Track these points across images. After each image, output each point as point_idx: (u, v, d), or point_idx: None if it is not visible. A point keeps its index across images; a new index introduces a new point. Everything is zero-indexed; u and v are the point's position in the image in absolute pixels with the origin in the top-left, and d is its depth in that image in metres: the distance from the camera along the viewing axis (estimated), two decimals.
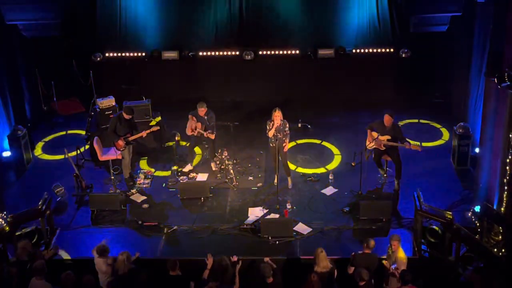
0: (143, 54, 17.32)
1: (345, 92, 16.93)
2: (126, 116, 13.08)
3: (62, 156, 14.19)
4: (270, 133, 12.57)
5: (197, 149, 14.39)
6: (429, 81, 16.90)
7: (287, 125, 12.67)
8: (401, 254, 10.17)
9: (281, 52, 17.17)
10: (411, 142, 12.81)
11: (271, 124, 12.55)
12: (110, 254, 10.36)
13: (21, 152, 14.19)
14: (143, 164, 14.30)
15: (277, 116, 12.45)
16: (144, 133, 13.29)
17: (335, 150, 14.65)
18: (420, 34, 14.27)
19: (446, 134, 14.99)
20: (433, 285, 10.59)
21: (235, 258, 10.38)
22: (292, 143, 14.48)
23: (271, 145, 12.77)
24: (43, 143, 15.33)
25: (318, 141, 15.03)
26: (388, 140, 12.53)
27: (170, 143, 14.62)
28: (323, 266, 9.93)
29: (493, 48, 10.94)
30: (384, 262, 10.26)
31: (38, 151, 14.88)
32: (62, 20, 13.02)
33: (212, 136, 13.39)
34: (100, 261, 10.25)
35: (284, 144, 12.68)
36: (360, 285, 9.62)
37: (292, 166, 13.73)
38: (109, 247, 10.35)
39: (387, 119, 12.45)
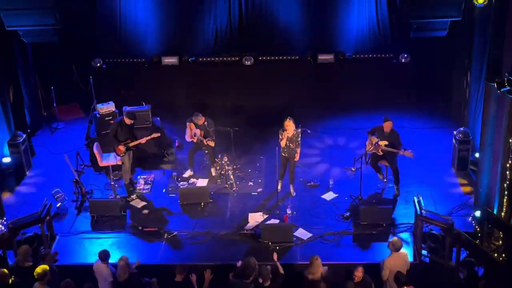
0: (143, 59, 17.32)
1: (344, 97, 16.92)
2: (128, 122, 13.08)
3: None
4: (283, 143, 12.51)
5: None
6: (429, 86, 16.91)
7: (300, 136, 12.64)
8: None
9: (281, 58, 17.18)
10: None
11: (284, 134, 12.47)
12: (110, 260, 10.36)
13: (21, 158, 14.18)
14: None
15: (289, 125, 12.36)
16: (144, 139, 13.29)
17: None
18: (420, 39, 14.29)
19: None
20: None
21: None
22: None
23: (283, 154, 12.71)
24: None
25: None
26: (386, 145, 12.54)
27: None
28: (315, 272, 9.92)
29: (492, 52, 10.94)
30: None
31: None
32: (62, 26, 13.02)
33: (212, 144, 13.37)
34: (102, 266, 10.24)
35: (296, 154, 12.65)
36: None
37: None
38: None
39: (387, 124, 12.46)
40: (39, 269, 9.59)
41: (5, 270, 9.77)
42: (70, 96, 17.61)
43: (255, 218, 12.36)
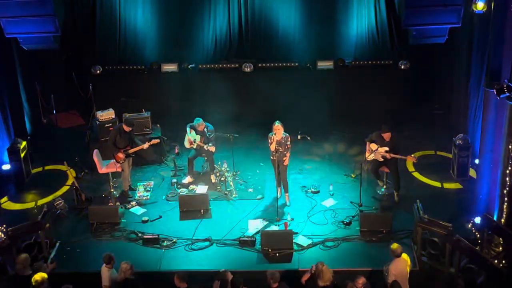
0: (143, 66, 17.34)
1: (344, 104, 16.94)
2: (127, 129, 13.08)
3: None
4: (272, 147, 12.53)
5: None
6: (428, 92, 16.93)
7: (289, 139, 12.62)
8: None
9: (280, 64, 17.21)
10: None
11: (272, 138, 12.52)
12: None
13: (20, 165, 14.18)
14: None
15: (277, 129, 12.41)
16: (143, 146, 13.29)
17: None
18: (419, 45, 14.33)
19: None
20: None
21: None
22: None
23: (271, 158, 12.75)
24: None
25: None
26: (386, 151, 12.54)
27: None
28: (327, 279, 9.86)
29: (492, 59, 10.96)
30: None
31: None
32: (62, 33, 13.06)
33: (213, 149, 13.39)
34: (104, 269, 10.24)
35: (284, 158, 12.66)
36: None
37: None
38: None
39: (386, 135, 12.46)
40: (37, 276, 9.57)
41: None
42: (70, 103, 17.63)
43: (255, 225, 12.35)
